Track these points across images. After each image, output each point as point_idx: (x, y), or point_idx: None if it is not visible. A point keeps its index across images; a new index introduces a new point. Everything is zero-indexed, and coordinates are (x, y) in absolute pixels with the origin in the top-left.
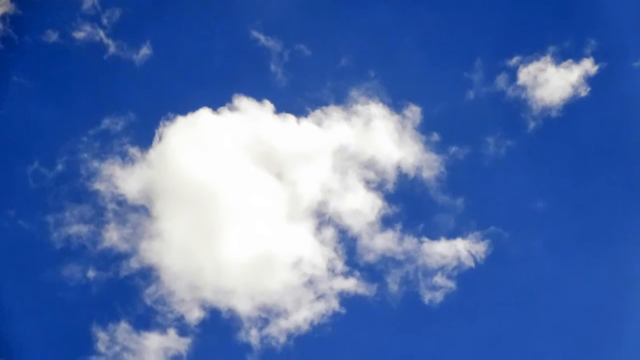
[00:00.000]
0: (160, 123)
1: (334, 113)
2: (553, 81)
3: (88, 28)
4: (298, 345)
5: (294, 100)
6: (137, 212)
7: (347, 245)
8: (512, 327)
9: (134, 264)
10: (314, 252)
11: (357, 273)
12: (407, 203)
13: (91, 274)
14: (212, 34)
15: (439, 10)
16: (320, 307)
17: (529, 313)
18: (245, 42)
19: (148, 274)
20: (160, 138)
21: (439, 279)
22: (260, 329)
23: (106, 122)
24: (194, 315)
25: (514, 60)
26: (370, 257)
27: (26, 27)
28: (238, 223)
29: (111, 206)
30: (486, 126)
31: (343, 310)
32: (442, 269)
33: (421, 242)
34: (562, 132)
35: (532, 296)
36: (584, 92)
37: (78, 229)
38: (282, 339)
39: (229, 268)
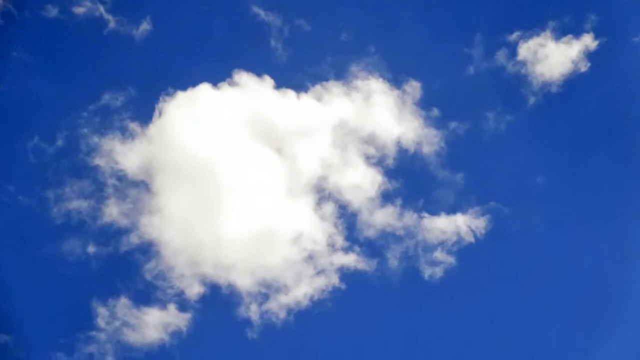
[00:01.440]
0: (160, 98)
1: (334, 88)
2: (553, 56)
3: (88, 3)
4: (298, 320)
5: (294, 75)
6: (137, 187)
7: (347, 220)
8: (511, 302)
9: (133, 239)
10: (314, 228)
11: (357, 248)
12: (407, 178)
13: (91, 249)
14: (212, 9)
15: None
16: (320, 282)
17: (529, 288)
18: (245, 17)
19: (148, 250)
20: (160, 113)
21: (439, 254)
22: (260, 304)
23: (106, 98)
24: (194, 290)
25: (514, 35)
26: (370, 233)
27: (26, 2)
28: (238, 198)
29: (111, 181)
30: (486, 101)
31: (343, 286)
32: (442, 244)
33: (421, 218)
34: (562, 108)
35: (532, 271)
36: (583, 67)
37: (78, 204)
38: (282, 314)
39: (229, 243)
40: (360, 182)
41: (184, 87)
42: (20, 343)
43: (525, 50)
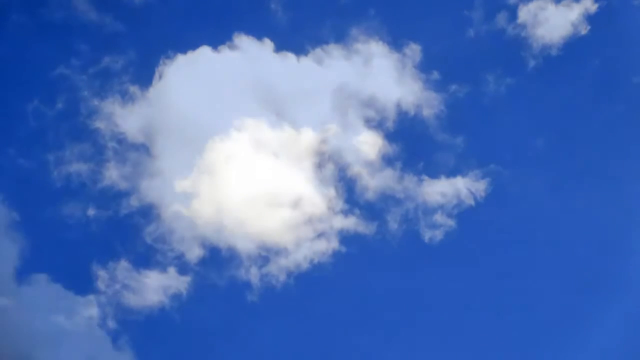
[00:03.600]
0: (161, 61)
1: (334, 51)
2: (553, 19)
3: None
4: (298, 283)
5: (294, 38)
6: (137, 150)
7: (347, 183)
8: (511, 264)
9: (134, 202)
10: (314, 191)
11: (357, 211)
12: (407, 141)
13: (91, 212)
14: None
15: None
16: (320, 245)
17: (529, 250)
18: None
19: (148, 213)
20: (160, 76)
21: (439, 217)
22: (260, 267)
23: (106, 61)
24: (194, 253)
25: None
26: (370, 196)
27: None
28: (238, 162)
29: (111, 144)
30: (486, 64)
31: (343, 249)
32: (442, 207)
33: (421, 181)
34: (561, 70)
35: (532, 233)
36: (583, 30)
37: (78, 167)
38: (282, 277)
39: (229, 207)
40: (360, 145)
41: (184, 50)
42: (20, 306)
43: (525, 13)
